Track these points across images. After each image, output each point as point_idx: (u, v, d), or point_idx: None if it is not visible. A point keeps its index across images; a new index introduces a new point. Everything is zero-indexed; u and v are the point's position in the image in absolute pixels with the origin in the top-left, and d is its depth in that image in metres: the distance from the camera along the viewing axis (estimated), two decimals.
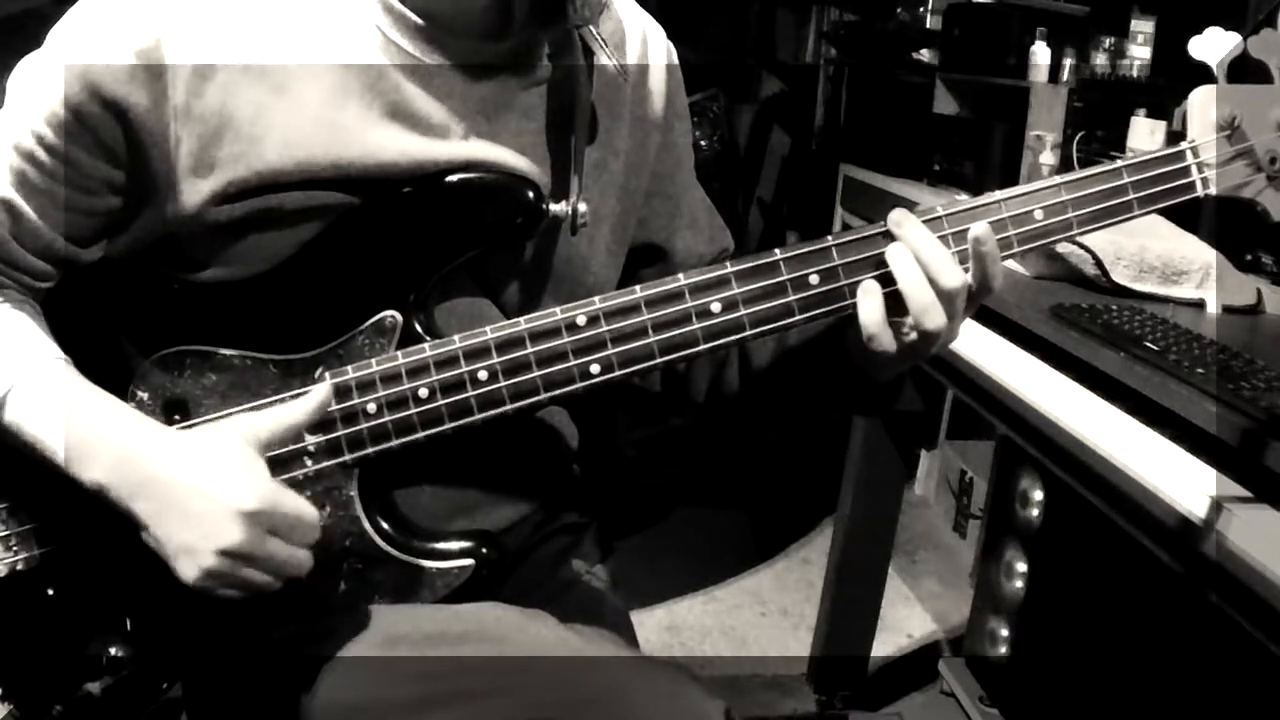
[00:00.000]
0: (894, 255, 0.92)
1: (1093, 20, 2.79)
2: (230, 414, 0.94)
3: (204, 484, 0.87)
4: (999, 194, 0.96)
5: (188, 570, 0.87)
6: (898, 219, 0.93)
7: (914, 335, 0.93)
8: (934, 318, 0.91)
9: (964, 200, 0.96)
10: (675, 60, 1.13)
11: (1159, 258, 1.76)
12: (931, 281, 0.91)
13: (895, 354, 0.93)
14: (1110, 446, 1.35)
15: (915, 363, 0.96)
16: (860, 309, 0.93)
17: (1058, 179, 0.96)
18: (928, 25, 3.39)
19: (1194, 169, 0.97)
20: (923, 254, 0.91)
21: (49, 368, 0.93)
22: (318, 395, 0.94)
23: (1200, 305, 1.76)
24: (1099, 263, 1.76)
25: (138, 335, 0.98)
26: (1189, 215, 1.93)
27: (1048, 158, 2.60)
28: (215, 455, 0.88)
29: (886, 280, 0.93)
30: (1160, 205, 0.97)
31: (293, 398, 0.95)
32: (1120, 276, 1.75)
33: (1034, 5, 2.85)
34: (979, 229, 0.92)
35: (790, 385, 1.07)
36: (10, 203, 0.94)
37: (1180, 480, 1.24)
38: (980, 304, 0.95)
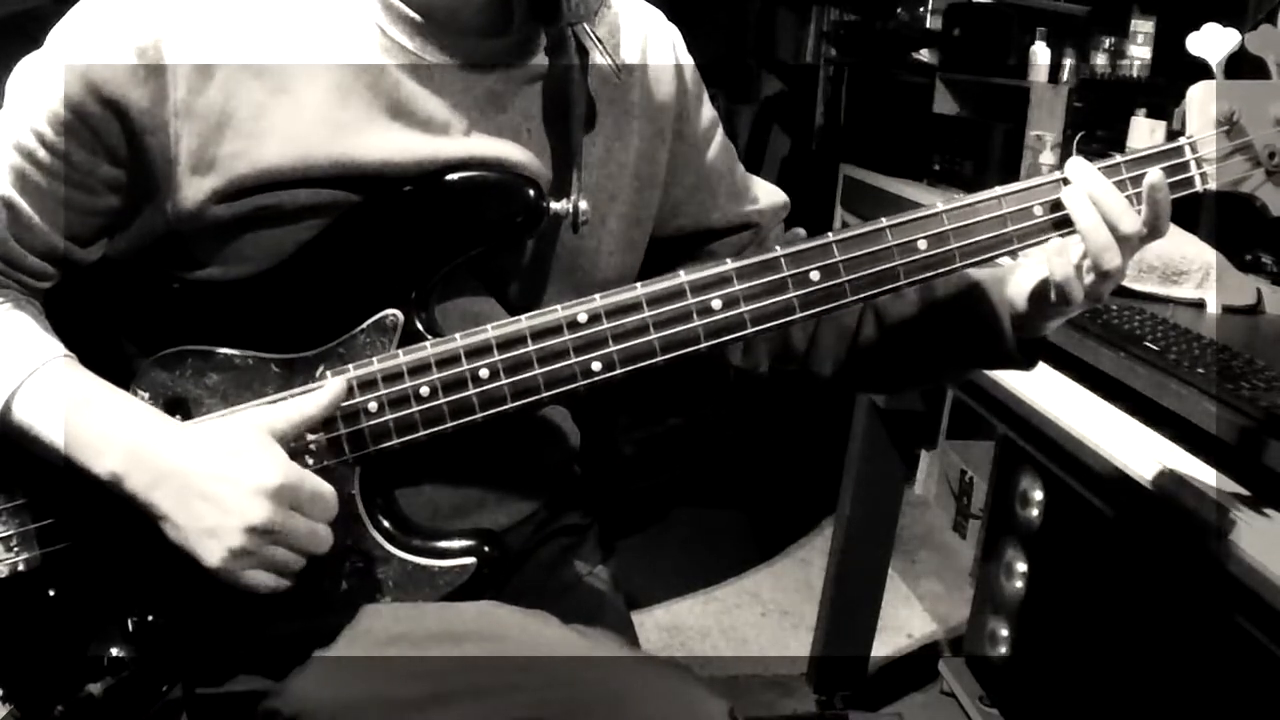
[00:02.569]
0: (1072, 199, 0.96)
1: (1093, 20, 2.80)
2: (242, 409, 0.95)
3: (225, 467, 0.88)
4: (999, 189, 0.97)
5: (213, 553, 0.88)
6: (1075, 166, 0.96)
7: (1093, 278, 0.96)
8: (1112, 258, 0.95)
9: (958, 198, 0.97)
10: (682, 49, 1.12)
11: (1159, 258, 1.76)
12: (1110, 225, 0.94)
13: (1081, 299, 0.97)
14: (1110, 446, 1.36)
15: (1090, 306, 1.00)
16: (1052, 260, 0.96)
17: (1056, 174, 0.97)
18: (928, 25, 3.39)
19: (1192, 164, 0.98)
20: (1101, 200, 0.95)
21: (54, 365, 0.93)
22: (331, 390, 0.94)
23: (1200, 305, 1.76)
24: None
25: (139, 335, 0.98)
26: (1189, 215, 1.93)
27: (1048, 158, 2.60)
28: (233, 441, 0.90)
29: (1064, 223, 0.96)
30: None
31: (303, 393, 0.95)
32: None
33: (1034, 5, 2.86)
34: (1155, 176, 0.95)
35: (938, 340, 1.10)
36: (10, 201, 0.94)
37: (1180, 480, 1.24)
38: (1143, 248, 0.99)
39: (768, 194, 1.20)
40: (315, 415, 0.93)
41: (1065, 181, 0.96)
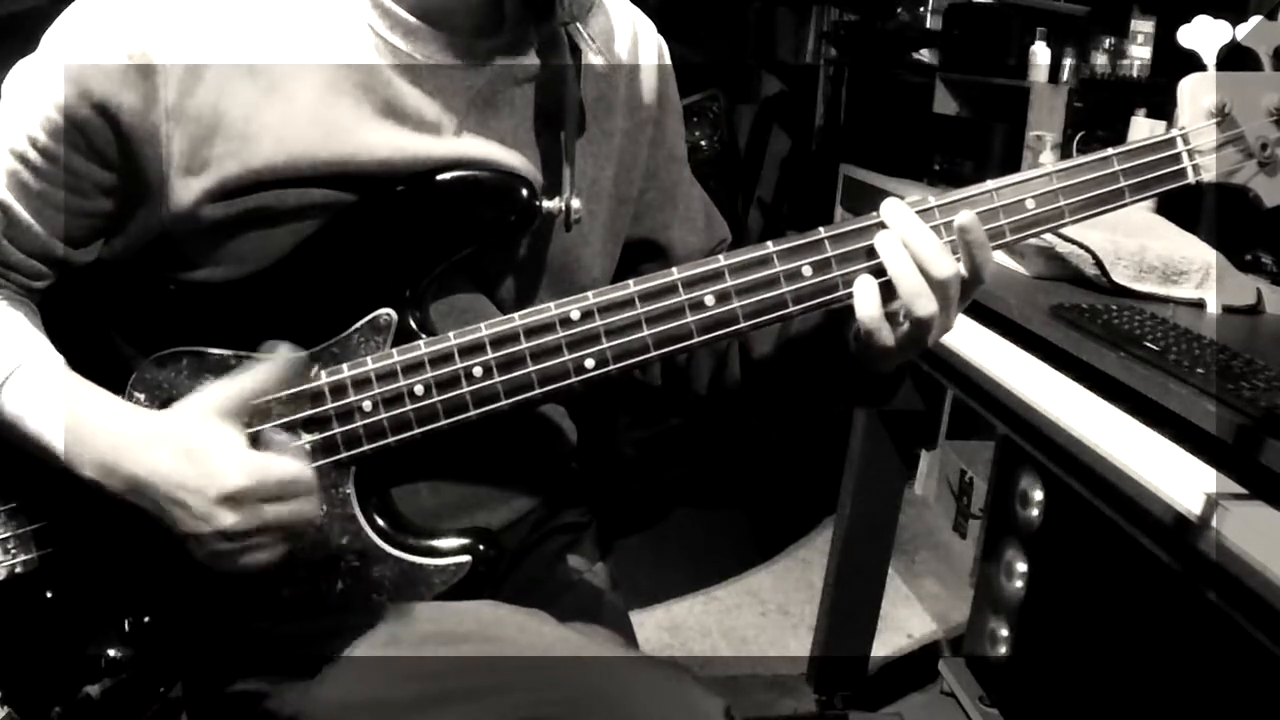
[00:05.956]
0: (883, 243, 0.93)
1: (1093, 20, 2.79)
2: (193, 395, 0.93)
3: (184, 475, 0.88)
4: (991, 183, 0.95)
5: (198, 552, 0.89)
6: (889, 208, 0.93)
7: (908, 325, 0.93)
8: (925, 304, 0.91)
9: (957, 191, 0.96)
10: (666, 55, 1.13)
11: (1159, 258, 1.76)
12: (922, 269, 0.91)
13: (894, 346, 0.93)
14: (1110, 446, 1.35)
15: (915, 353, 0.96)
16: (857, 302, 0.92)
17: (1050, 167, 0.96)
18: (928, 25, 3.39)
19: (1185, 156, 0.96)
20: (912, 242, 0.91)
21: (46, 362, 0.94)
22: (280, 357, 0.92)
23: (1200, 305, 1.75)
24: (1099, 263, 1.75)
25: (134, 336, 0.98)
26: (1189, 215, 1.93)
27: (1048, 158, 2.60)
28: (186, 442, 0.88)
29: (880, 271, 0.93)
30: (1152, 192, 0.97)
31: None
32: (1120, 276, 1.75)
33: (1034, 5, 2.85)
34: (964, 218, 0.91)
35: (791, 376, 1.07)
36: (4, 204, 0.95)
37: (1180, 480, 1.23)
38: (974, 293, 0.95)
39: (718, 225, 1.19)
40: (265, 380, 0.91)
41: (881, 225, 0.94)
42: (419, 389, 0.94)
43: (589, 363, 0.94)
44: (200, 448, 0.88)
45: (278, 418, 0.94)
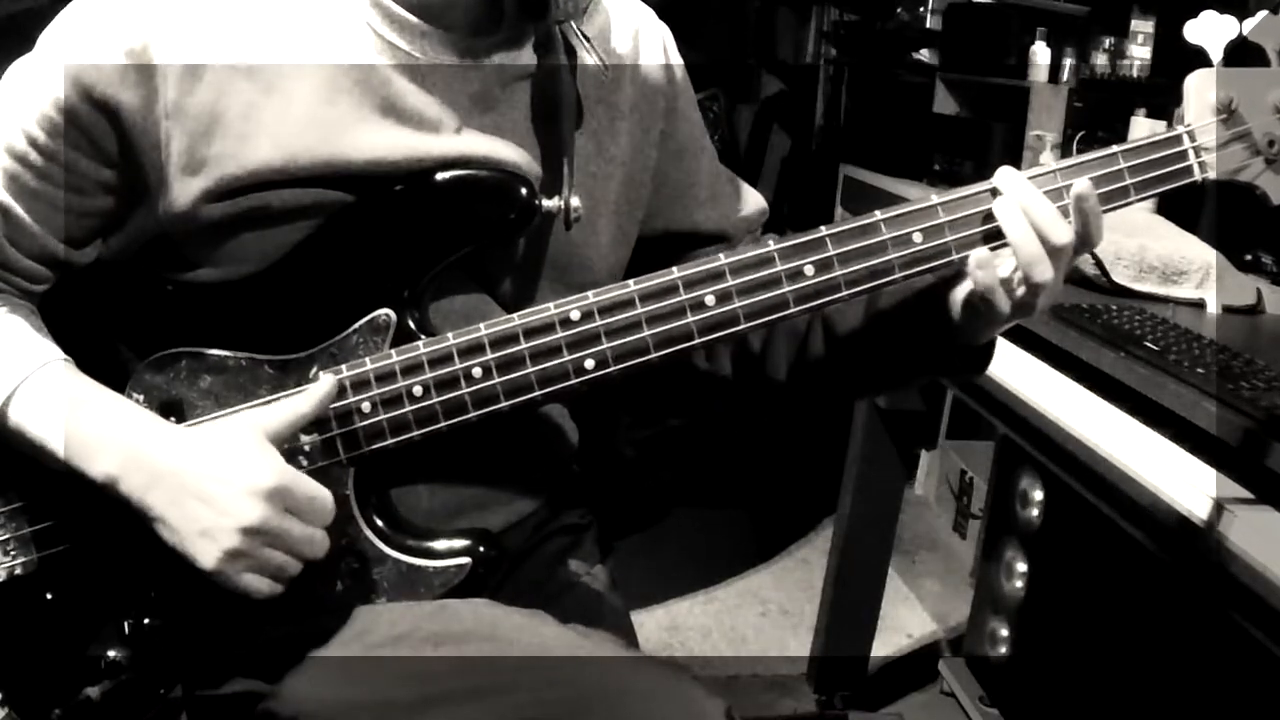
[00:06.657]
0: (1002, 209, 0.93)
1: (1093, 20, 2.80)
2: (237, 410, 0.95)
3: (219, 467, 0.88)
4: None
5: (207, 553, 0.88)
6: (1004, 176, 0.94)
7: (1023, 291, 0.93)
8: (1043, 270, 0.92)
9: (957, 190, 0.96)
10: (673, 51, 1.12)
11: (1159, 258, 1.76)
12: (1041, 236, 0.92)
13: (1007, 313, 0.94)
14: (1110, 446, 1.35)
15: (1022, 319, 0.97)
16: (976, 271, 0.93)
17: (1053, 165, 0.95)
18: (928, 25, 3.40)
19: (1191, 153, 0.95)
20: (1031, 209, 0.92)
21: (51, 368, 0.94)
22: (322, 386, 0.94)
23: (1200, 305, 1.75)
24: (1099, 263, 1.75)
25: (133, 338, 0.98)
26: (1189, 215, 1.93)
27: (1048, 158, 2.60)
28: (227, 442, 0.90)
29: (993, 237, 0.93)
30: (1158, 190, 0.96)
31: (296, 393, 0.95)
32: (1120, 276, 1.75)
33: (1034, 5, 2.86)
34: (1081, 186, 0.92)
35: (885, 350, 1.06)
36: (4, 205, 0.94)
37: (1180, 480, 1.23)
38: (1077, 260, 0.96)
39: (751, 202, 1.19)
40: (308, 412, 0.93)
41: (995, 192, 0.94)
42: (418, 390, 0.94)
43: (589, 363, 0.94)
44: (238, 448, 0.89)
45: None
